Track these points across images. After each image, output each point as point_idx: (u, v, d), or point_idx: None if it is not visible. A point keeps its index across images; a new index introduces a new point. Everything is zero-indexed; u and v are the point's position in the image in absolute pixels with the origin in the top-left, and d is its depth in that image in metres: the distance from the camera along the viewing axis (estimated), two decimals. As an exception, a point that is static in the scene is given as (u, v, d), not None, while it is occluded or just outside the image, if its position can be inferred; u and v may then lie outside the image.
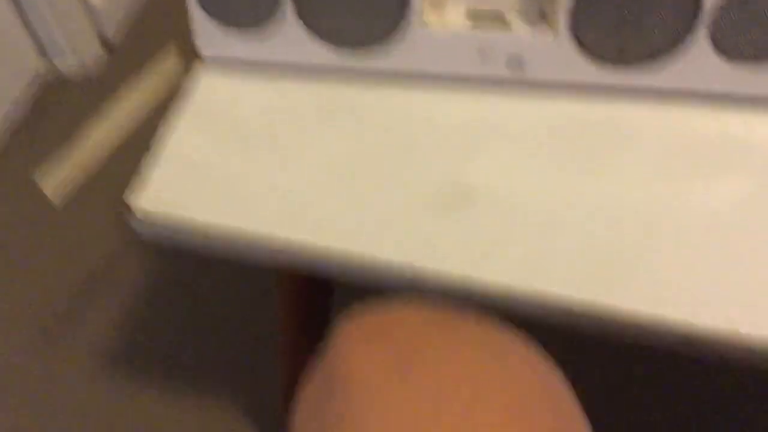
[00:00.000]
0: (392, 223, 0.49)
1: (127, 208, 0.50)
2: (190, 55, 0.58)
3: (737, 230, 0.47)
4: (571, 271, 0.46)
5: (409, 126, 0.54)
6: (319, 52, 0.55)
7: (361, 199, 0.50)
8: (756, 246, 0.47)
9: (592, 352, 1.02)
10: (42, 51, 1.39)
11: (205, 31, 0.56)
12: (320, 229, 0.49)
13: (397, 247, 0.47)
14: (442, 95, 0.55)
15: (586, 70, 0.53)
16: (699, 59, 0.51)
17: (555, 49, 0.52)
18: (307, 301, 0.79)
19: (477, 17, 0.54)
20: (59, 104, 1.38)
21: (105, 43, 1.44)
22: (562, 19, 0.51)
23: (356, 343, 0.42)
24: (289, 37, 0.54)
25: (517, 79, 0.54)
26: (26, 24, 1.34)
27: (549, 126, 0.53)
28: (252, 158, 0.53)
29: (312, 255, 0.49)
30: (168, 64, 0.60)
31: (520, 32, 0.53)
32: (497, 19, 0.54)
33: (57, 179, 0.57)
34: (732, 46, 0.50)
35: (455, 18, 0.54)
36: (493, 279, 0.46)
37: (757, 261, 0.46)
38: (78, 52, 1.40)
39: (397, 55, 0.54)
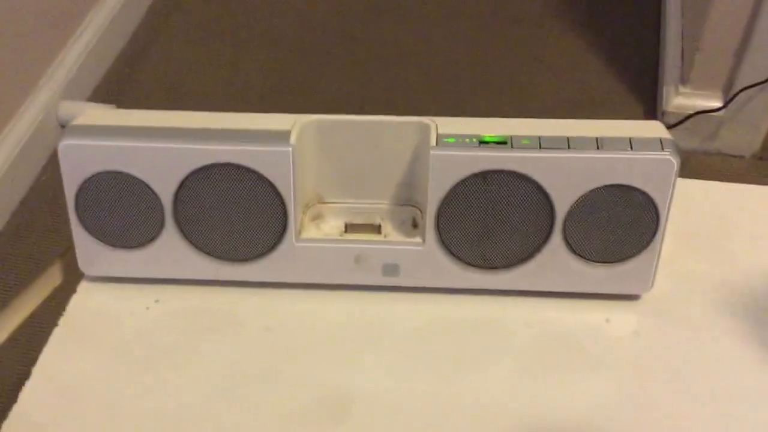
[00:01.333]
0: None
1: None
2: (74, 270, 0.58)
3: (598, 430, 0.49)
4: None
5: (289, 333, 0.55)
6: (201, 267, 0.57)
7: (242, 414, 0.50)
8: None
9: None
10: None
11: (87, 250, 0.57)
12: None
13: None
14: (322, 301, 0.57)
15: (455, 275, 0.56)
16: (556, 261, 0.55)
17: (425, 256, 0.56)
18: None
19: (354, 229, 0.58)
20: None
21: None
22: (430, 226, 0.55)
23: None
24: (172, 255, 0.56)
25: (392, 285, 0.57)
26: None
27: (422, 327, 0.55)
28: (127, 379, 0.52)
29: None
30: (50, 279, 0.59)
31: (394, 240, 0.56)
32: (373, 230, 0.58)
33: None
34: (583, 247, 0.55)
35: (333, 231, 0.58)
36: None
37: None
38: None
39: (277, 267, 0.56)
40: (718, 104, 1.42)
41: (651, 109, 1.56)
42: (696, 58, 1.40)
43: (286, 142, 0.53)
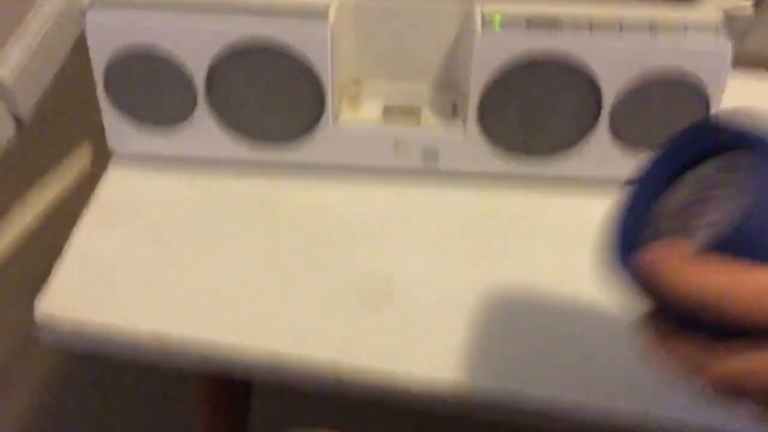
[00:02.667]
0: (313, 320, 0.49)
1: (30, 311, 0.48)
2: (103, 148, 0.57)
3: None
4: (493, 362, 0.47)
5: (326, 219, 0.54)
6: (235, 147, 0.55)
7: (278, 297, 0.50)
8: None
9: None
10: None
11: (118, 128, 0.55)
12: (237, 329, 0.48)
13: (319, 345, 0.47)
14: (359, 187, 0.56)
15: (495, 161, 0.55)
16: (601, 150, 0.54)
17: (466, 141, 0.54)
18: (224, 404, 0.76)
19: (392, 113, 0.56)
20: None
21: (18, 121, 1.40)
22: (472, 114, 0.53)
23: None
24: (206, 133, 0.55)
25: (431, 171, 0.56)
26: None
27: (461, 215, 0.55)
28: (163, 258, 0.52)
29: (229, 356, 0.47)
30: (80, 159, 0.58)
31: (433, 127, 0.55)
32: (412, 115, 0.56)
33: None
34: (629, 136, 0.53)
35: (371, 114, 0.56)
36: (415, 373, 0.46)
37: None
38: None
39: (313, 150, 0.55)
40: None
41: None
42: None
43: (325, 20, 0.50)
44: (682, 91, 0.51)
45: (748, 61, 0.69)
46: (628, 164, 0.56)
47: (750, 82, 0.67)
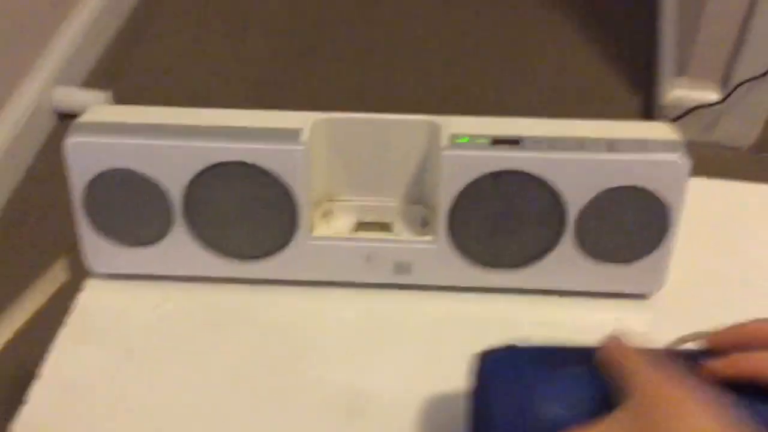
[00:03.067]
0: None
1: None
2: (78, 267, 0.57)
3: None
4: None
5: (299, 333, 0.55)
6: (211, 264, 0.56)
7: (253, 415, 0.50)
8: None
9: None
10: None
11: (95, 249, 0.56)
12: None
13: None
14: (332, 300, 0.57)
15: (466, 273, 0.56)
16: (567, 260, 0.55)
17: (437, 255, 0.56)
18: None
19: (365, 228, 0.58)
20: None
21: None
22: (442, 228, 0.54)
23: None
24: (182, 251, 0.56)
25: (403, 283, 0.57)
26: None
27: (433, 325, 0.55)
28: (139, 377, 0.52)
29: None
30: (55, 277, 0.59)
31: (405, 240, 0.56)
32: (384, 229, 0.57)
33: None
34: (595, 247, 0.55)
35: (344, 229, 0.57)
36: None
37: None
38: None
39: (288, 265, 0.56)
40: (715, 97, 1.42)
41: (648, 101, 1.56)
42: (693, 50, 1.40)
43: (298, 141, 0.53)
44: (643, 204, 0.53)
45: (718, 148, 0.71)
46: (595, 274, 0.57)
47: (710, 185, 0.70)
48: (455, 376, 0.52)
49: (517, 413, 0.40)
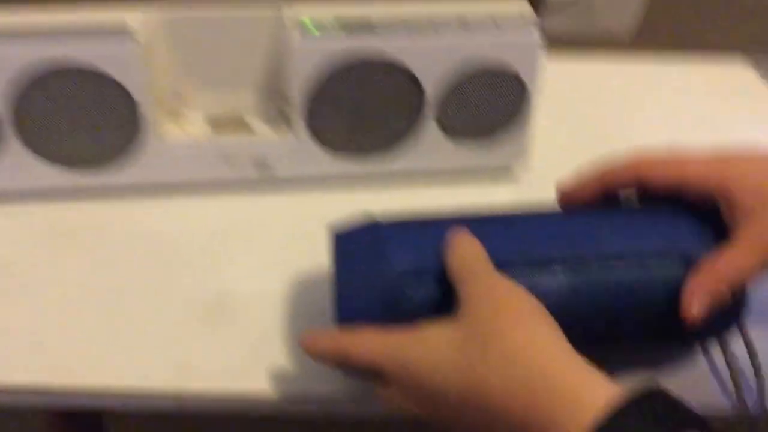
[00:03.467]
0: (150, 348, 0.47)
1: None
2: None
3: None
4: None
5: (156, 241, 0.52)
6: (49, 175, 0.52)
7: (111, 328, 0.48)
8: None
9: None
10: None
11: None
12: (72, 369, 0.46)
13: (158, 374, 0.45)
14: (190, 204, 0.55)
15: (328, 163, 0.55)
16: (429, 142, 0.55)
17: (297, 147, 0.54)
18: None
19: (217, 123, 0.55)
20: None
21: None
22: (300, 119, 0.52)
23: None
24: (15, 163, 0.51)
25: (265, 179, 0.55)
26: None
27: (297, 224, 0.54)
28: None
29: (68, 397, 0.45)
30: None
31: (263, 135, 0.54)
32: (239, 124, 0.55)
33: None
34: (456, 127, 0.55)
35: (196, 127, 0.54)
36: (260, 390, 0.45)
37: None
38: None
39: (135, 170, 0.53)
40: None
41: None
42: None
43: (128, 36, 0.48)
44: (499, 81, 0.53)
45: (596, 39, 0.72)
46: (457, 153, 0.57)
47: (566, 63, 0.71)
48: (321, 267, 0.52)
49: (370, 287, 0.40)
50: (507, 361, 0.33)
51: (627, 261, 0.40)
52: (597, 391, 0.31)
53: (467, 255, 0.39)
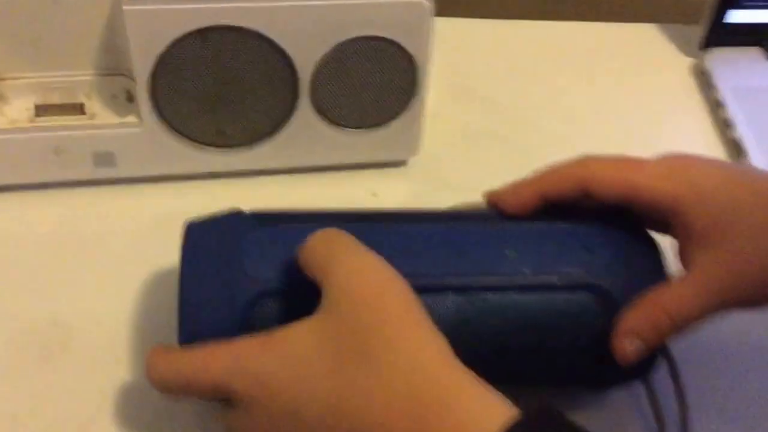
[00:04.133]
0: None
1: None
2: None
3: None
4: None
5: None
6: None
7: None
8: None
9: None
10: None
11: None
12: None
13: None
14: (18, 208, 0.45)
15: (186, 157, 0.46)
16: (306, 133, 0.47)
17: (145, 138, 0.45)
18: None
19: (50, 112, 0.45)
20: None
21: None
22: (146, 104, 0.44)
23: None
24: None
25: (108, 178, 0.46)
26: None
27: (147, 228, 0.46)
28: None
29: None
30: None
31: (103, 124, 0.45)
32: (75, 112, 0.45)
33: None
34: (337, 112, 0.47)
35: (20, 115, 0.45)
36: None
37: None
38: None
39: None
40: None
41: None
42: None
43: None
44: (384, 56, 0.45)
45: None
46: (340, 145, 0.50)
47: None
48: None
49: (220, 297, 0.32)
50: (392, 366, 0.27)
51: (530, 290, 0.33)
52: (492, 410, 0.27)
53: (323, 241, 0.31)
